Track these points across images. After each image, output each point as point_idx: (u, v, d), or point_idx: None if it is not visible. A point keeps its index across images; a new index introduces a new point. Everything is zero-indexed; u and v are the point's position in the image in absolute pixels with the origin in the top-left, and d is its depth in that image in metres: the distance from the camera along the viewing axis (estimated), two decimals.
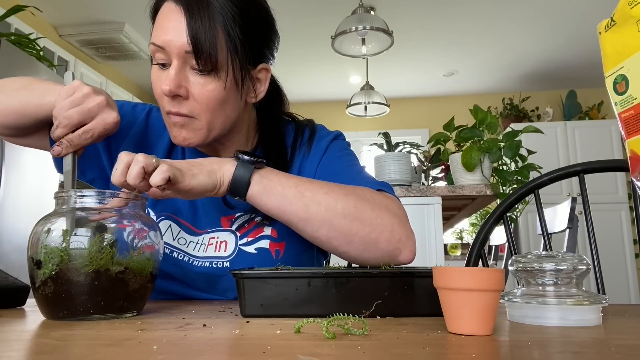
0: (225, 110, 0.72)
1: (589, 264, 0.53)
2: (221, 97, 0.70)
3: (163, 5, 0.70)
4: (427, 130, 5.43)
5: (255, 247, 0.78)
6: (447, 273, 0.45)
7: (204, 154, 0.82)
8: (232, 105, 0.73)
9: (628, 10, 0.47)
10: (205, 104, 0.69)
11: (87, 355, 0.35)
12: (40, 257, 0.52)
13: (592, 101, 5.02)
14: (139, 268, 0.55)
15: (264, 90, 0.78)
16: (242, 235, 0.79)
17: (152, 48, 0.69)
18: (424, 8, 3.65)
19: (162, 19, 0.69)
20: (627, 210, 4.36)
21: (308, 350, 0.36)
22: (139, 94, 5.03)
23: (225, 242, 0.78)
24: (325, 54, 4.09)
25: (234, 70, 0.69)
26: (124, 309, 0.54)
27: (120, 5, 3.57)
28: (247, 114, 0.82)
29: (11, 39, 2.43)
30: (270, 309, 0.54)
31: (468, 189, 2.05)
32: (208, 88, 0.68)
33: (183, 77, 0.68)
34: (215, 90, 0.69)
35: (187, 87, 0.69)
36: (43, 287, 0.52)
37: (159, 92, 0.70)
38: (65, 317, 0.52)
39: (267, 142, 0.85)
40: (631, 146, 0.48)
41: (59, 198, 0.57)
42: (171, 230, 0.79)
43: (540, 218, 1.08)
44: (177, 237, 0.79)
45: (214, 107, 0.70)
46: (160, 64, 0.70)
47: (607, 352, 0.37)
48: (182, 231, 0.79)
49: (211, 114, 0.70)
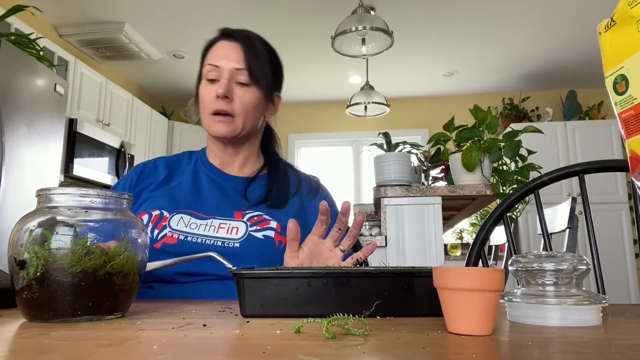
0: (255, 115, 0.99)
1: (589, 264, 0.53)
2: (255, 104, 0.98)
3: (218, 42, 0.99)
4: (427, 130, 5.43)
5: (263, 234, 0.93)
6: (447, 273, 0.45)
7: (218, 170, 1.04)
8: (259, 113, 1.01)
9: (628, 10, 0.47)
10: (245, 106, 0.96)
11: (87, 355, 0.35)
12: (23, 257, 0.50)
13: (592, 101, 5.02)
14: (125, 268, 0.54)
15: (276, 111, 1.09)
16: (252, 225, 0.94)
17: (207, 68, 0.96)
18: (424, 8, 3.64)
19: (218, 49, 0.98)
20: (627, 210, 4.36)
21: (308, 350, 0.36)
22: (139, 94, 5.03)
23: (237, 228, 0.93)
24: (325, 54, 4.09)
25: (264, 88, 0.98)
26: (110, 310, 0.53)
27: (120, 5, 3.57)
28: (261, 130, 1.08)
29: (11, 39, 2.43)
30: (270, 309, 0.54)
31: (468, 189, 2.05)
32: (248, 97, 0.96)
33: (231, 87, 0.95)
34: (252, 98, 0.97)
35: (233, 94, 0.95)
36: (27, 288, 0.50)
37: (208, 99, 0.96)
38: (49, 319, 0.51)
39: (272, 168, 1.08)
40: (631, 146, 0.48)
41: (40, 196, 0.55)
42: (183, 220, 0.93)
43: (540, 218, 1.08)
44: (188, 224, 0.92)
45: (249, 110, 0.97)
46: (211, 80, 0.96)
47: (607, 352, 0.37)
48: (192, 218, 0.93)
49: (246, 114, 0.97)
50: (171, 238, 0.90)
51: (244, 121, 0.97)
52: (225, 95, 0.94)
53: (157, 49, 4.28)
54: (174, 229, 0.91)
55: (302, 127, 5.62)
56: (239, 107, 0.96)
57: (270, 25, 3.88)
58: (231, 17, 3.73)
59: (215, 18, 3.76)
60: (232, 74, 0.95)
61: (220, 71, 0.96)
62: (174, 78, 4.98)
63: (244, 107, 0.96)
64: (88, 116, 3.79)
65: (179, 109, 5.55)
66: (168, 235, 0.90)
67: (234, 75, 0.96)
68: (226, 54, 0.97)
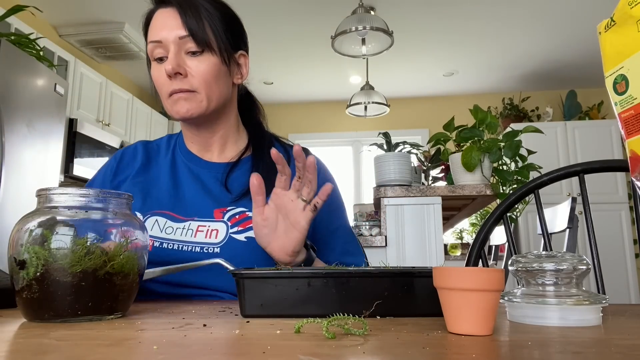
0: (219, 84, 0.87)
1: (589, 264, 0.53)
2: (214, 71, 0.85)
3: (155, 14, 0.86)
4: (427, 130, 5.43)
5: (246, 235, 0.83)
6: (447, 273, 0.45)
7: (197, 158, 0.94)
8: (224, 82, 0.88)
9: (628, 10, 0.47)
10: (203, 78, 0.84)
11: (87, 355, 0.35)
12: (23, 257, 0.50)
13: (592, 101, 5.02)
14: (125, 268, 0.54)
15: (246, 74, 0.95)
16: (232, 225, 0.85)
17: (150, 46, 0.84)
18: (424, 8, 3.64)
19: (156, 21, 0.85)
20: (627, 210, 4.36)
21: (308, 350, 0.36)
22: (139, 94, 5.03)
23: (216, 231, 0.84)
24: (325, 54, 4.09)
25: (220, 51, 0.85)
26: (110, 310, 0.53)
27: (120, 5, 3.57)
28: (234, 99, 0.96)
29: (11, 39, 2.42)
30: (270, 309, 0.54)
31: (468, 189, 2.05)
32: (203, 65, 0.84)
33: (181, 60, 0.83)
34: (209, 66, 0.84)
35: (185, 67, 0.83)
36: (27, 288, 0.50)
37: (161, 81, 0.84)
38: (49, 319, 0.50)
39: (256, 146, 0.96)
40: (631, 146, 0.48)
41: (40, 196, 0.55)
42: (158, 224, 0.85)
43: (540, 218, 1.08)
44: (164, 228, 0.84)
45: (210, 80, 0.84)
46: (159, 59, 0.84)
47: (607, 352, 0.37)
48: (168, 221, 0.85)
49: (208, 87, 0.84)
50: None
51: (208, 94, 0.85)
52: (176, 71, 0.82)
53: None
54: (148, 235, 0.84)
55: (302, 127, 5.63)
56: (196, 80, 0.83)
57: (270, 25, 3.88)
58: None
59: None
60: (177, 45, 0.83)
61: (164, 45, 0.83)
62: None
63: (202, 78, 0.83)
64: (88, 116, 3.79)
65: None
66: None
67: (180, 46, 0.83)
68: (165, 23, 0.84)
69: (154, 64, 0.86)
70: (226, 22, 0.88)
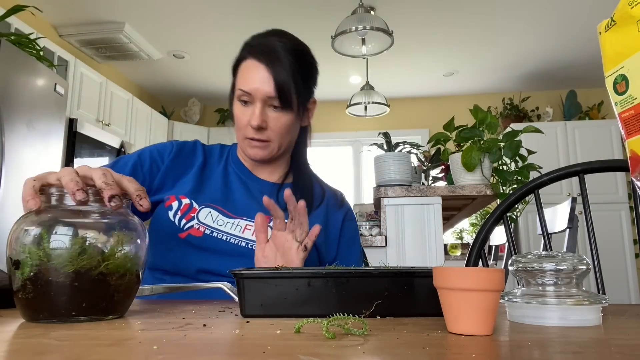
0: (290, 134, 0.99)
1: (589, 264, 0.53)
2: (290, 125, 0.97)
3: (246, 61, 0.95)
4: (427, 130, 5.43)
5: None
6: (447, 273, 0.45)
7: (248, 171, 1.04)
8: (294, 130, 1.01)
9: (628, 10, 0.47)
10: (279, 132, 0.96)
11: (87, 355, 0.35)
12: (19, 256, 0.49)
13: (592, 101, 5.02)
14: (121, 268, 0.53)
15: (312, 116, 1.08)
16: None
17: (239, 92, 0.94)
18: (424, 8, 3.64)
19: (247, 71, 0.94)
20: (627, 210, 4.36)
21: (308, 350, 0.36)
22: (139, 94, 5.03)
23: None
24: (325, 54, 4.08)
25: (298, 106, 0.96)
26: (107, 311, 0.52)
27: (120, 5, 3.57)
28: (296, 137, 1.06)
29: (11, 39, 2.43)
30: (270, 309, 0.54)
31: (468, 189, 2.05)
32: (281, 120, 0.95)
33: (265, 116, 0.93)
34: (287, 122, 0.95)
35: (267, 121, 0.94)
36: (22, 288, 0.49)
37: (243, 123, 0.95)
38: (45, 319, 0.50)
39: (297, 175, 1.07)
40: (631, 146, 0.48)
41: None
42: (211, 215, 0.94)
43: (540, 218, 1.08)
44: (216, 219, 0.93)
45: (284, 133, 0.97)
46: (243, 101, 0.95)
47: (607, 352, 0.37)
48: (220, 215, 0.94)
49: (282, 138, 0.97)
50: (197, 230, 0.90)
51: (280, 144, 0.98)
52: (260, 127, 0.93)
53: (157, 49, 4.27)
54: (201, 222, 0.91)
55: None
56: (273, 133, 0.95)
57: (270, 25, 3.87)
58: (231, 17, 3.74)
59: (215, 18, 3.76)
60: (264, 102, 0.93)
61: (252, 98, 0.93)
62: (174, 78, 4.98)
63: (278, 131, 0.95)
64: (88, 116, 3.79)
65: (179, 109, 5.56)
66: (195, 227, 0.91)
67: (266, 102, 0.93)
68: (255, 78, 0.93)
69: (237, 104, 0.96)
70: (305, 73, 0.99)
